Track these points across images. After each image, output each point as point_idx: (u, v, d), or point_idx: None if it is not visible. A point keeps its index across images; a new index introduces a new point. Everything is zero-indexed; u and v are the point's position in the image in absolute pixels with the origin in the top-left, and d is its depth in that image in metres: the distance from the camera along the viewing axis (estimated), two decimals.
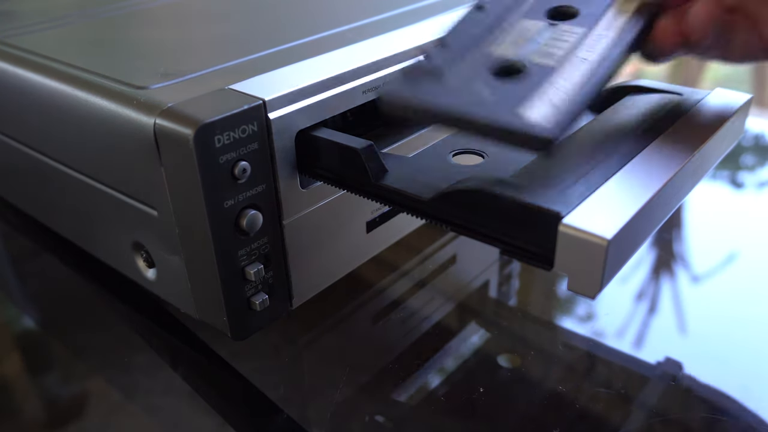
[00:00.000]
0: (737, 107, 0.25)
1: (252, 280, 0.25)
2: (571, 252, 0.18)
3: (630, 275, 0.33)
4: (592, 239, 0.17)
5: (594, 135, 0.24)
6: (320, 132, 0.25)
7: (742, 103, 0.26)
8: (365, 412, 0.26)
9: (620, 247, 0.18)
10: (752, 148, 0.48)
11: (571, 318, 0.31)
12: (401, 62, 0.28)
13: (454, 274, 0.33)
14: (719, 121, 0.24)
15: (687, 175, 0.22)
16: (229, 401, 0.27)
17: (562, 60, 0.22)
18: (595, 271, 0.18)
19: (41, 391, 0.29)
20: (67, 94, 0.27)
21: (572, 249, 0.18)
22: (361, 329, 0.30)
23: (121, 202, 0.27)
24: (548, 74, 0.21)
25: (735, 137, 0.26)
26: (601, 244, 0.17)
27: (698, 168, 0.23)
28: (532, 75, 0.21)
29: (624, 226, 0.18)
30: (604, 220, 0.18)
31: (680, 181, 0.21)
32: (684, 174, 0.21)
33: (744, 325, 0.30)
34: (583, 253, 0.18)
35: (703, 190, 0.42)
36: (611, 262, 0.18)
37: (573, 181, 0.20)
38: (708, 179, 0.43)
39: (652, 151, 0.22)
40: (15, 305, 0.34)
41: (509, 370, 0.28)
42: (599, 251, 0.17)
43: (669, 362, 0.27)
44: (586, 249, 0.18)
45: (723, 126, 0.24)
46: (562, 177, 0.20)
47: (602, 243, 0.17)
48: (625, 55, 0.22)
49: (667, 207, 0.21)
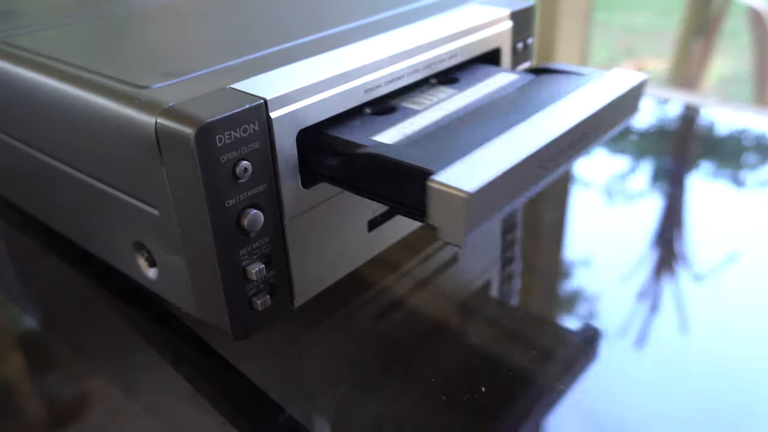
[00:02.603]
0: (628, 86, 0.27)
1: (253, 279, 0.25)
2: (439, 205, 0.21)
3: (631, 274, 0.33)
4: (454, 192, 0.20)
5: (488, 110, 0.27)
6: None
7: (634, 82, 0.28)
8: (366, 412, 0.26)
9: (482, 201, 0.21)
10: (754, 147, 0.48)
11: (572, 317, 0.31)
12: (403, 61, 0.28)
13: (455, 274, 0.33)
14: (604, 97, 0.26)
15: (562, 145, 0.24)
16: (231, 401, 0.27)
17: (427, 107, 0.28)
18: (459, 221, 0.21)
19: (42, 391, 0.29)
20: (68, 94, 0.27)
21: (439, 202, 0.21)
22: (362, 328, 0.30)
23: (122, 201, 0.27)
24: (410, 115, 0.27)
25: (626, 114, 0.28)
26: (462, 196, 0.20)
27: (578, 139, 0.25)
28: (399, 114, 0.27)
29: (486, 184, 0.21)
30: (468, 178, 0.21)
31: (553, 150, 0.24)
32: (557, 144, 0.24)
33: (745, 323, 0.29)
34: (448, 206, 0.21)
35: (704, 190, 0.41)
36: (473, 214, 0.21)
37: (455, 148, 0.23)
38: (709, 178, 0.43)
39: (533, 122, 0.24)
40: (15, 305, 0.34)
41: (510, 369, 0.28)
42: (461, 203, 0.20)
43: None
44: (450, 202, 0.20)
45: (607, 102, 0.26)
46: (447, 144, 0.24)
47: (463, 196, 0.20)
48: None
49: (539, 172, 0.23)
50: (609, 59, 2.14)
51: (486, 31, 0.33)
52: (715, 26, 1.43)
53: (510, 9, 0.34)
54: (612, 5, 2.57)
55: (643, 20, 2.48)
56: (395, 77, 0.28)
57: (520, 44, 0.35)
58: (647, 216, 0.39)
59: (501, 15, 0.33)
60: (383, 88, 0.28)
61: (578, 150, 0.25)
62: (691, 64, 1.46)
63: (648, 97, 0.57)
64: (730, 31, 1.71)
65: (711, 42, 1.44)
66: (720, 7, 1.42)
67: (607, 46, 2.26)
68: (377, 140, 0.25)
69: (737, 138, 0.49)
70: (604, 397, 0.26)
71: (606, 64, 2.10)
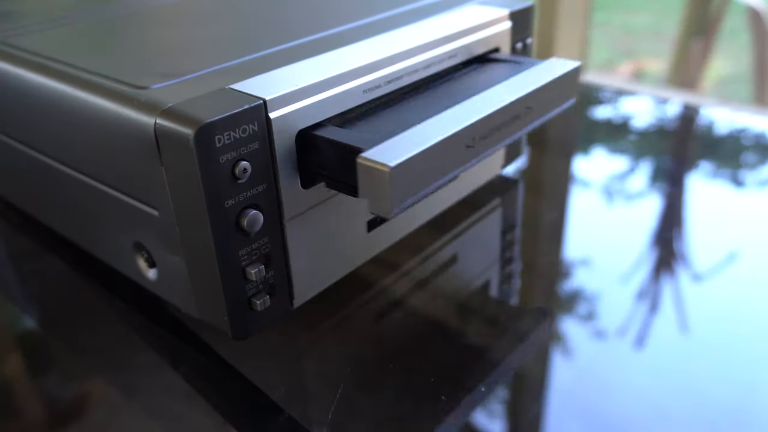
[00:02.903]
0: (560, 72, 0.29)
1: (253, 280, 0.25)
2: (366, 179, 0.22)
3: (631, 274, 0.33)
4: (378, 167, 0.22)
5: (427, 97, 0.29)
6: (321, 131, 0.25)
7: (566, 69, 0.29)
8: (366, 412, 0.26)
9: (406, 176, 0.22)
10: (753, 147, 0.48)
11: (572, 317, 0.31)
12: (402, 61, 0.29)
13: (455, 274, 0.33)
14: (534, 84, 0.28)
15: (489, 126, 0.26)
16: (230, 401, 0.27)
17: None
18: (384, 194, 0.22)
19: (41, 392, 0.29)
20: (68, 94, 0.27)
21: (367, 177, 0.22)
22: (361, 329, 0.30)
23: (122, 202, 0.27)
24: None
25: (560, 101, 0.30)
26: (384, 170, 0.22)
27: (508, 121, 0.27)
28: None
29: (407, 159, 0.22)
30: (392, 154, 0.22)
31: (479, 131, 0.25)
32: (482, 125, 0.25)
33: (745, 323, 0.30)
34: (374, 180, 0.22)
35: (703, 190, 0.42)
36: (397, 187, 0.22)
37: (391, 129, 0.25)
38: (708, 178, 0.43)
39: (463, 106, 0.26)
40: (15, 305, 0.34)
41: (510, 369, 0.28)
42: (384, 177, 0.22)
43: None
44: (375, 176, 0.22)
45: (536, 87, 0.28)
46: (383, 125, 0.26)
47: (385, 170, 0.22)
48: None
49: (468, 152, 0.25)
50: (608, 59, 2.14)
51: (485, 32, 0.33)
52: (714, 26, 1.43)
53: (509, 9, 0.34)
54: (611, 5, 2.58)
55: (643, 20, 2.48)
56: (394, 77, 0.28)
57: (520, 44, 0.35)
58: (647, 216, 0.39)
59: (500, 15, 0.33)
60: (382, 89, 0.28)
61: (512, 131, 0.27)
62: (691, 64, 1.46)
63: (647, 96, 0.57)
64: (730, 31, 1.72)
65: (710, 42, 1.44)
66: (719, 7, 1.43)
67: (606, 46, 2.26)
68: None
69: (736, 138, 0.49)
70: (604, 396, 0.26)
71: (605, 64, 2.10)
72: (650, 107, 0.55)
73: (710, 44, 1.44)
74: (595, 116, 0.54)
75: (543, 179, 0.44)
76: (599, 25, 2.32)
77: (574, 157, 0.47)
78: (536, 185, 0.43)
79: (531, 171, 0.44)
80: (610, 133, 0.50)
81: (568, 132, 0.51)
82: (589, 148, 0.48)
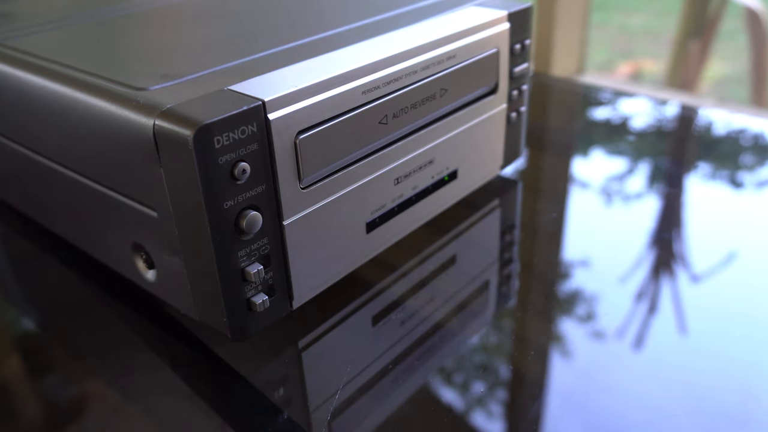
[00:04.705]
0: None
1: (252, 280, 0.25)
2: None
3: (629, 275, 0.33)
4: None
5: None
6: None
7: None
8: (366, 413, 0.26)
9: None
10: (751, 147, 0.48)
11: (571, 318, 0.31)
12: (401, 62, 0.29)
13: (454, 274, 0.33)
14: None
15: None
16: (229, 402, 0.27)
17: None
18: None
19: (40, 393, 0.29)
20: (66, 96, 0.27)
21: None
22: (361, 330, 0.30)
23: (121, 203, 0.27)
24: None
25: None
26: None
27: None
28: None
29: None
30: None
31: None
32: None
33: (744, 323, 0.30)
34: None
35: (701, 190, 0.42)
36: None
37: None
38: (707, 179, 0.43)
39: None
40: (14, 306, 0.34)
41: (511, 370, 0.28)
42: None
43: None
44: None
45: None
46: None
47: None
48: None
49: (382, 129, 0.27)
50: (607, 60, 2.14)
51: (484, 33, 0.33)
52: (712, 27, 1.43)
53: (507, 10, 0.34)
54: (609, 6, 2.58)
55: (641, 21, 2.48)
56: (393, 78, 0.28)
57: (518, 45, 0.35)
58: (645, 216, 0.39)
59: (499, 16, 0.34)
60: (381, 90, 0.28)
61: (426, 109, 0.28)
62: (689, 65, 1.46)
63: (646, 98, 0.57)
64: (727, 32, 1.72)
65: (708, 43, 1.44)
66: (717, 8, 1.43)
67: (604, 47, 2.26)
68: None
69: (734, 139, 0.49)
70: (603, 396, 0.26)
71: (604, 65, 2.10)
72: (648, 108, 0.55)
73: (708, 45, 1.44)
74: (593, 117, 0.54)
75: (542, 180, 0.44)
76: (597, 26, 2.32)
77: (572, 158, 0.47)
78: (535, 186, 0.43)
79: (530, 172, 0.44)
80: (608, 134, 0.50)
81: (567, 133, 0.51)
82: (587, 149, 0.48)
